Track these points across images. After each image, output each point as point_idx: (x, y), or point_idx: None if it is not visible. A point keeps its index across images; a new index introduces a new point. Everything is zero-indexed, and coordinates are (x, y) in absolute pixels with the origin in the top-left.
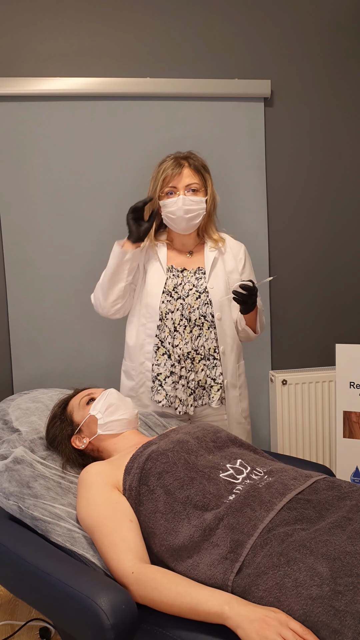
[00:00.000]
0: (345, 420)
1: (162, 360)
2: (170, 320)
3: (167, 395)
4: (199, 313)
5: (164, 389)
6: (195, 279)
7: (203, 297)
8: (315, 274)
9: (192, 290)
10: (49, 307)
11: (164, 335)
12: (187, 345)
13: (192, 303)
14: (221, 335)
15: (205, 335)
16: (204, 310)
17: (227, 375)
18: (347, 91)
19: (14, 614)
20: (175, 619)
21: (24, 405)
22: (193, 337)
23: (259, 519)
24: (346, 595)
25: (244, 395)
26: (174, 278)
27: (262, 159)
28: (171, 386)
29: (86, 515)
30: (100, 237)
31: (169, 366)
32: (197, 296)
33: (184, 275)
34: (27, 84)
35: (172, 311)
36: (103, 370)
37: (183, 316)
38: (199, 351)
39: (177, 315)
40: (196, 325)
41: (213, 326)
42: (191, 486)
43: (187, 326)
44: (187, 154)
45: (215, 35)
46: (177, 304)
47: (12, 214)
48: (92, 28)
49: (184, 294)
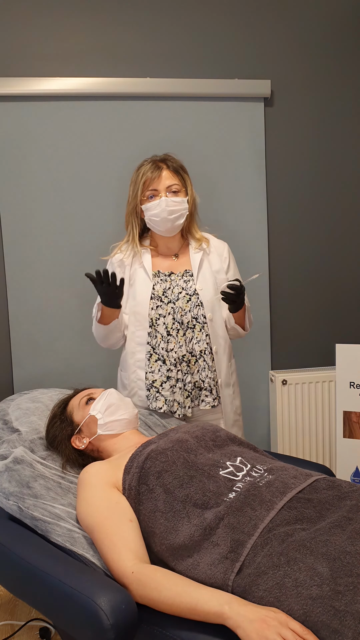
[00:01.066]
0: (345, 420)
1: (155, 367)
2: (162, 326)
3: (167, 400)
4: (190, 315)
5: (162, 394)
6: (183, 281)
7: (194, 299)
8: (315, 274)
9: (181, 293)
10: (49, 307)
11: (156, 341)
12: (181, 349)
13: (183, 306)
14: (213, 336)
15: (198, 337)
16: (196, 312)
17: (221, 374)
18: (347, 91)
19: (14, 614)
20: (175, 619)
21: (24, 405)
22: (187, 340)
23: (260, 518)
24: (346, 595)
25: (236, 393)
26: (162, 283)
27: (262, 159)
28: (169, 391)
29: (86, 515)
30: (100, 237)
31: (164, 371)
32: (187, 299)
33: (172, 279)
34: (27, 84)
35: (164, 316)
36: (103, 370)
37: (175, 320)
38: (193, 353)
39: (170, 320)
40: (189, 327)
41: (206, 327)
42: (191, 484)
43: (179, 329)
44: (164, 156)
45: (215, 35)
46: (168, 308)
47: (12, 214)
48: (92, 28)
49: (174, 297)
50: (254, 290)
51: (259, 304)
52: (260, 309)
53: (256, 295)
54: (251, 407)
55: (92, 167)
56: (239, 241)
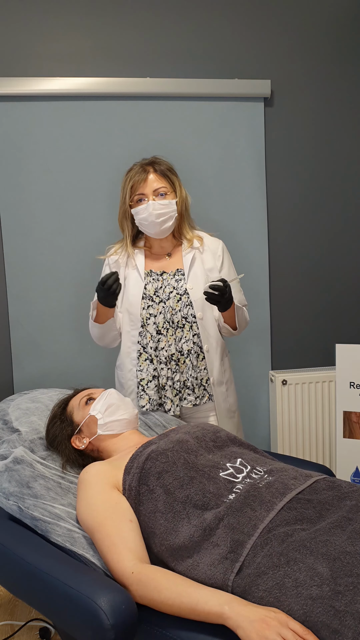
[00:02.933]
0: (345, 420)
1: (144, 366)
2: (152, 325)
3: (150, 399)
4: (180, 315)
5: (146, 393)
6: (175, 281)
7: (184, 299)
8: (315, 274)
9: (172, 292)
10: (49, 307)
11: (146, 340)
12: (171, 347)
13: (173, 305)
14: (204, 335)
15: (186, 336)
16: (186, 311)
17: (213, 372)
18: (347, 91)
19: (14, 614)
20: (175, 619)
21: (24, 405)
22: (176, 339)
23: (259, 518)
24: (346, 595)
25: (231, 391)
26: (154, 282)
27: (262, 159)
28: (154, 390)
29: (86, 515)
30: (100, 237)
31: (151, 370)
32: (178, 298)
33: (164, 279)
34: (27, 84)
35: (155, 315)
36: (103, 370)
37: (166, 319)
38: (182, 352)
39: (161, 319)
40: (178, 327)
41: (195, 327)
42: (191, 485)
43: (169, 328)
44: (151, 159)
45: (215, 35)
46: (159, 307)
47: (12, 214)
48: (92, 28)
49: (165, 297)
50: (254, 290)
51: (259, 304)
52: (260, 309)
53: (256, 295)
54: (251, 407)
55: (92, 167)
56: (239, 241)
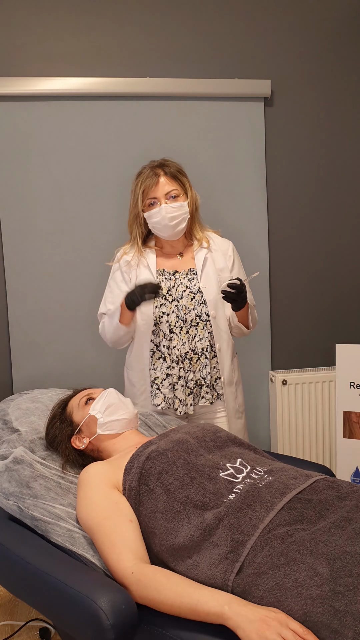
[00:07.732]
0: (345, 420)
1: (158, 364)
2: (165, 324)
3: (165, 397)
4: (194, 313)
5: (161, 392)
6: (187, 280)
7: (197, 298)
8: (316, 274)
9: (185, 291)
10: (49, 307)
11: (159, 339)
12: (184, 346)
13: (187, 304)
14: (217, 333)
15: (200, 335)
16: (200, 310)
17: (224, 371)
18: (347, 91)
19: (14, 614)
20: (175, 619)
21: (24, 405)
22: (190, 338)
23: (259, 519)
24: (346, 595)
25: (239, 391)
26: (166, 281)
27: (262, 159)
28: (168, 388)
29: (86, 515)
30: (100, 237)
31: (164, 369)
32: (191, 297)
33: (176, 278)
34: (27, 84)
35: (168, 314)
36: (103, 370)
37: (179, 317)
38: (196, 351)
39: (173, 317)
40: (192, 325)
41: (208, 325)
42: (191, 486)
43: (183, 327)
44: (161, 162)
45: (215, 35)
46: (172, 306)
47: (12, 214)
48: (92, 28)
49: (178, 295)
50: (254, 290)
51: (259, 304)
52: (261, 309)
53: (256, 295)
54: (251, 407)
55: (92, 167)
56: (239, 241)
